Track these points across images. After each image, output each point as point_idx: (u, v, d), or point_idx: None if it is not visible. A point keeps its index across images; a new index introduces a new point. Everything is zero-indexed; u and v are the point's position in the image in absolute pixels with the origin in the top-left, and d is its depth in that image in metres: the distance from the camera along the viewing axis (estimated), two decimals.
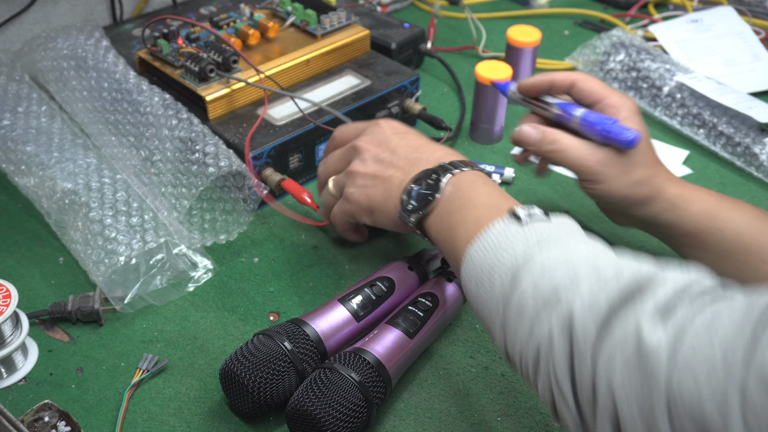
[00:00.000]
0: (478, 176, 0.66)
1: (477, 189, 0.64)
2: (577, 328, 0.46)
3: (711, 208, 0.70)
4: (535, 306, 0.50)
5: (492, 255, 0.55)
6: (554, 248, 0.53)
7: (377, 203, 0.70)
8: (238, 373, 0.63)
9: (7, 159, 0.86)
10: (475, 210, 0.61)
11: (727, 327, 0.40)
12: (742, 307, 0.41)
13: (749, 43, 1.14)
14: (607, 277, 0.48)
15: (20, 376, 0.69)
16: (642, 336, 0.43)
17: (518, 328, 0.51)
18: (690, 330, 0.42)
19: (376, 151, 0.71)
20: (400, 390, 0.68)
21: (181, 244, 0.77)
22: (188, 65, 0.87)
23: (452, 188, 0.64)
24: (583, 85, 0.73)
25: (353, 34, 0.98)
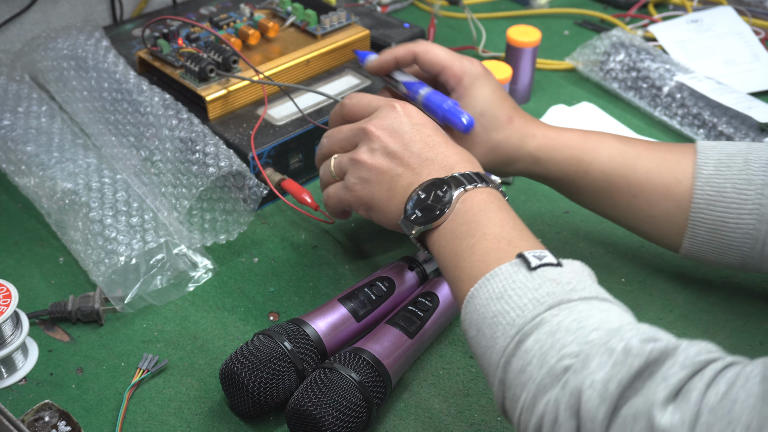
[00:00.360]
0: (492, 196, 0.61)
1: (489, 215, 0.59)
2: (585, 409, 0.44)
3: (574, 153, 0.72)
4: (540, 376, 0.47)
5: (496, 306, 0.52)
6: (565, 311, 0.49)
7: (378, 201, 0.66)
8: (238, 373, 0.63)
9: (8, 159, 0.86)
10: (483, 240, 0.57)
11: (745, 403, 0.39)
12: (757, 377, 0.40)
13: (749, 43, 1.14)
14: (618, 356, 0.44)
15: (20, 376, 0.69)
16: (654, 418, 0.41)
17: (519, 391, 0.49)
18: (705, 409, 0.40)
19: (387, 141, 0.66)
20: (400, 390, 0.68)
21: (181, 244, 0.77)
22: (188, 65, 0.88)
23: (462, 207, 0.60)
24: (425, 57, 0.73)
25: (353, 34, 0.98)
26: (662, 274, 0.80)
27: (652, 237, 0.73)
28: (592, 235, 0.85)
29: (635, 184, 0.70)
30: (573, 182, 0.73)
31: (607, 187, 0.72)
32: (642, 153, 0.71)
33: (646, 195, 0.70)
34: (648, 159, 0.71)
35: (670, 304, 0.77)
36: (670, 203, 0.69)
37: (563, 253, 0.82)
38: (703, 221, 0.68)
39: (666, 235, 0.71)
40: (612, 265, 0.81)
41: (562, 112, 1.04)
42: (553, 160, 0.72)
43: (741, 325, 0.74)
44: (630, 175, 0.70)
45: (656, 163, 0.70)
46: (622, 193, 0.71)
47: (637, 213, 0.71)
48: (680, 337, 0.73)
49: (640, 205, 0.71)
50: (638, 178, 0.70)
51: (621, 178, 0.71)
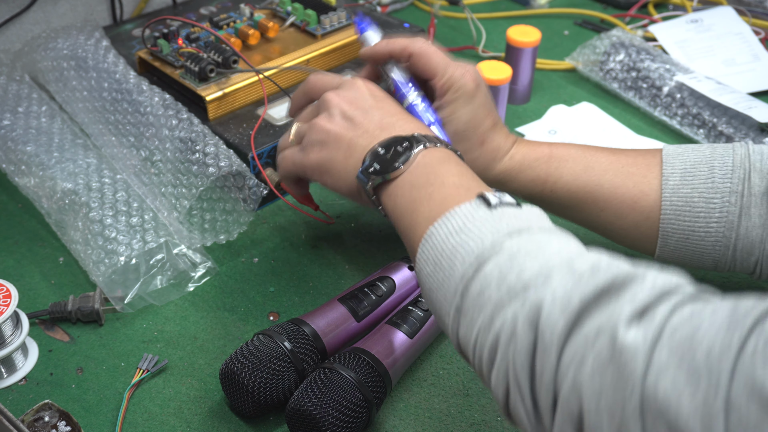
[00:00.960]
0: (452, 155, 0.60)
1: (449, 167, 0.58)
2: (544, 321, 0.44)
3: (539, 175, 0.72)
4: (498, 294, 0.47)
5: (456, 238, 0.51)
6: (525, 238, 0.49)
7: (335, 164, 0.64)
8: (238, 373, 0.63)
9: (8, 159, 0.86)
10: (442, 188, 0.56)
11: (709, 330, 0.38)
12: (725, 311, 0.39)
13: (749, 43, 1.14)
14: (581, 272, 0.45)
15: (20, 376, 0.69)
16: (617, 334, 0.40)
17: (476, 314, 0.48)
18: (668, 330, 0.39)
19: (346, 108, 0.65)
20: (400, 390, 0.68)
21: (181, 244, 0.77)
22: (188, 65, 0.88)
23: (422, 160, 0.59)
24: (418, 61, 0.71)
25: (353, 34, 0.98)
26: None
27: (626, 244, 0.74)
28: (593, 235, 0.85)
29: (602, 199, 0.71)
30: (540, 200, 0.73)
31: (575, 203, 0.72)
32: (607, 167, 0.71)
33: (613, 209, 0.71)
34: (614, 173, 0.71)
35: None
36: (638, 215, 0.70)
37: None
38: (673, 231, 0.69)
39: (638, 244, 0.72)
40: None
41: (562, 112, 1.04)
42: (518, 182, 0.73)
43: None
44: (596, 190, 0.71)
45: (622, 177, 0.70)
46: (590, 208, 0.72)
47: (607, 225, 0.72)
48: None
49: (609, 218, 0.71)
50: (604, 193, 0.71)
51: (587, 194, 0.71)
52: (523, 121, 1.03)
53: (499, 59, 1.08)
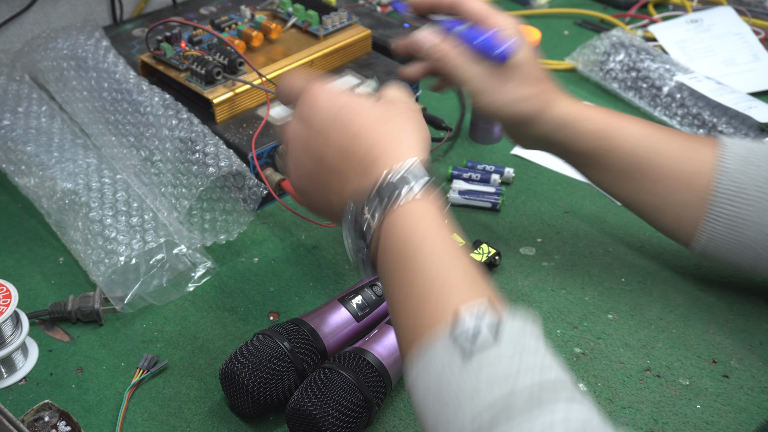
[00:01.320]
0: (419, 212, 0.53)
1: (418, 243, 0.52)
2: None
3: (604, 128, 0.70)
4: None
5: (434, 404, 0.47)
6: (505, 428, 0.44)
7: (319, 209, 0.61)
8: (238, 373, 0.63)
9: (7, 159, 0.86)
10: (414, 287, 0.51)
11: None
12: None
13: (749, 43, 1.14)
14: None
15: (20, 376, 0.69)
16: None
17: None
18: None
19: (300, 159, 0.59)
20: (400, 390, 0.68)
21: (181, 244, 0.77)
22: (194, 68, 0.87)
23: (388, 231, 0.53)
24: (466, 6, 0.71)
25: (355, 34, 0.98)
26: (662, 274, 0.80)
27: (667, 226, 0.72)
28: (592, 235, 0.85)
29: (659, 170, 0.69)
30: (596, 159, 0.70)
31: (632, 169, 0.70)
32: (668, 139, 0.70)
33: (669, 182, 0.69)
34: (675, 146, 0.69)
35: (670, 304, 0.77)
36: (692, 194, 0.68)
37: (563, 253, 0.82)
38: (722, 216, 0.67)
39: (681, 226, 0.70)
40: (612, 265, 0.81)
41: None
42: (578, 131, 0.70)
43: (741, 325, 0.74)
44: (655, 159, 0.69)
45: (682, 151, 0.69)
46: (646, 177, 0.70)
47: (657, 200, 0.70)
48: (680, 337, 0.74)
49: (661, 192, 0.69)
50: (663, 163, 0.69)
51: (646, 161, 0.69)
52: None
53: None
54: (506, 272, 0.80)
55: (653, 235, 0.84)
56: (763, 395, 0.68)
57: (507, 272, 0.80)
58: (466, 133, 1.00)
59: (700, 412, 0.66)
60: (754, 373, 0.70)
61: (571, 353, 0.71)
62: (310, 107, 0.58)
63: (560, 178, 0.93)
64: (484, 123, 0.97)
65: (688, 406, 0.67)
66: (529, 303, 0.76)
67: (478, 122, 0.98)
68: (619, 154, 0.70)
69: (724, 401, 0.67)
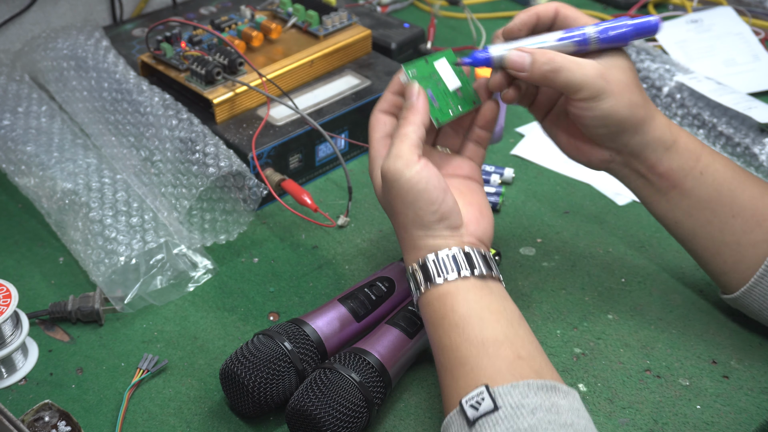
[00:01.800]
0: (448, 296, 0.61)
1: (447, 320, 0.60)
2: None
3: (695, 148, 0.68)
4: None
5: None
6: None
7: None
8: (238, 373, 0.63)
9: (7, 159, 0.86)
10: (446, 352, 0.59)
11: None
12: None
13: (749, 43, 1.14)
14: None
15: (20, 376, 0.69)
16: None
17: None
18: None
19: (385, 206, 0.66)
20: (400, 390, 0.68)
21: (181, 244, 0.77)
22: (194, 68, 0.87)
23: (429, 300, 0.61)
24: (567, 12, 0.66)
25: (355, 35, 0.98)
26: (662, 274, 0.80)
27: (722, 265, 0.70)
28: (592, 235, 0.85)
29: (739, 204, 0.67)
30: (682, 181, 0.68)
31: (714, 198, 0.68)
32: (750, 177, 0.69)
33: (745, 218, 0.67)
34: (754, 183, 0.68)
35: (670, 304, 0.77)
36: (761, 235, 0.67)
37: (563, 253, 0.82)
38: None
39: (740, 269, 0.69)
40: (612, 265, 0.81)
41: None
42: (677, 146, 0.67)
43: (741, 326, 0.74)
44: (738, 193, 0.68)
45: (761, 189, 0.68)
46: (725, 210, 0.68)
47: (727, 236, 0.68)
48: (680, 338, 0.74)
49: (734, 228, 0.68)
50: (744, 199, 0.68)
51: (729, 193, 0.68)
52: (523, 121, 1.03)
53: None
54: (506, 272, 0.80)
55: (653, 235, 0.84)
56: (763, 396, 0.68)
57: (507, 272, 0.80)
58: None
59: (700, 413, 0.66)
60: (754, 374, 0.70)
61: (571, 353, 0.72)
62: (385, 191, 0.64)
63: (560, 178, 0.93)
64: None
65: (687, 406, 0.67)
66: (529, 303, 0.76)
67: None
68: (707, 180, 0.68)
69: (724, 402, 0.67)
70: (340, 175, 0.93)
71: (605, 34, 0.64)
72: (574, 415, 0.54)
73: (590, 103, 0.64)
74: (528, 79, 0.65)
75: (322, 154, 0.91)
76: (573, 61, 0.63)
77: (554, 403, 0.54)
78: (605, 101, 0.64)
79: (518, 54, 0.64)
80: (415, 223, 0.62)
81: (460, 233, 0.63)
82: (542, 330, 0.73)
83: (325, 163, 0.93)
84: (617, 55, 0.65)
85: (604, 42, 0.65)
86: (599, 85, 0.63)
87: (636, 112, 0.65)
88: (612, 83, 0.64)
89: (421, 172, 0.61)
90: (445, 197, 0.62)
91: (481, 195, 0.68)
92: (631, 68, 0.66)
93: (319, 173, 0.93)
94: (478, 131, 0.70)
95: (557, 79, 0.63)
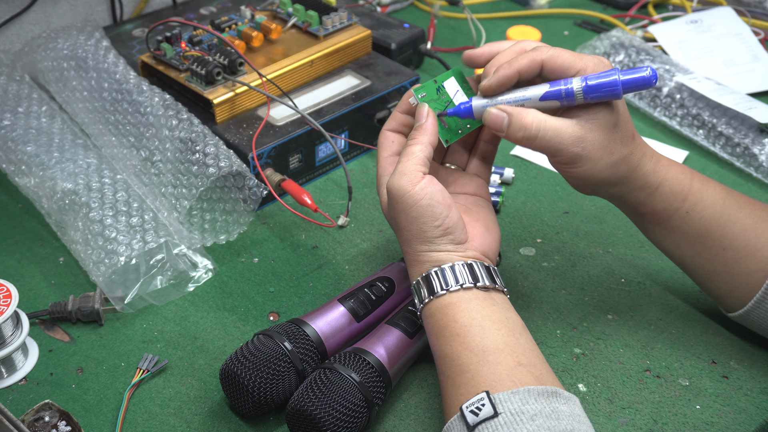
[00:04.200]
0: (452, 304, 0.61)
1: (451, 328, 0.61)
2: None
3: (681, 189, 0.67)
4: None
5: None
6: None
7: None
8: (238, 373, 0.63)
9: (8, 159, 0.86)
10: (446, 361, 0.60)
11: None
12: None
13: (749, 43, 1.14)
14: None
15: (20, 375, 0.69)
16: None
17: None
18: None
19: (391, 221, 0.68)
20: (400, 390, 0.68)
21: (182, 244, 0.77)
22: (194, 68, 0.87)
23: (433, 311, 0.62)
24: (554, 63, 0.63)
25: (355, 35, 0.98)
26: (662, 274, 0.80)
27: (717, 291, 0.70)
28: (592, 235, 0.85)
29: (729, 237, 0.67)
30: (669, 220, 0.68)
31: (702, 233, 0.68)
32: (743, 206, 0.68)
33: (736, 250, 0.67)
34: (747, 214, 0.68)
35: (670, 304, 0.77)
36: (755, 264, 0.67)
37: (563, 253, 0.82)
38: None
39: (732, 293, 0.69)
40: (612, 265, 0.81)
41: None
42: (661, 190, 0.67)
43: (741, 326, 0.74)
44: (728, 227, 0.68)
45: (754, 220, 0.68)
46: (714, 243, 0.68)
47: (719, 266, 0.68)
48: (680, 338, 0.74)
49: (726, 259, 0.68)
50: (734, 231, 0.67)
51: (718, 228, 0.68)
52: None
53: None
54: (506, 272, 0.80)
55: None
56: (763, 396, 0.68)
57: (507, 272, 0.80)
58: None
59: (700, 413, 0.66)
60: (753, 374, 0.70)
61: (570, 353, 0.72)
62: (390, 206, 0.65)
63: (560, 178, 0.93)
64: None
65: (687, 406, 0.67)
66: (529, 303, 0.76)
67: None
68: (694, 218, 0.68)
69: (723, 402, 0.67)
70: (340, 175, 0.93)
71: (591, 93, 0.62)
72: (575, 421, 0.54)
73: (566, 168, 0.65)
74: (506, 138, 0.64)
75: (322, 154, 0.91)
76: (549, 128, 0.62)
77: (555, 409, 0.54)
78: (582, 166, 0.64)
79: (497, 113, 0.64)
80: (419, 238, 0.63)
81: (464, 248, 0.63)
82: (542, 330, 0.74)
83: (325, 163, 0.93)
84: (602, 111, 0.63)
85: (590, 96, 0.62)
86: (574, 152, 0.63)
87: (616, 171, 0.65)
88: (588, 149, 0.63)
89: (425, 188, 0.61)
90: (449, 213, 0.62)
91: (487, 211, 0.68)
92: (614, 124, 0.63)
93: (319, 173, 0.93)
94: (483, 146, 0.71)
95: (532, 145, 0.63)
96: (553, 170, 0.94)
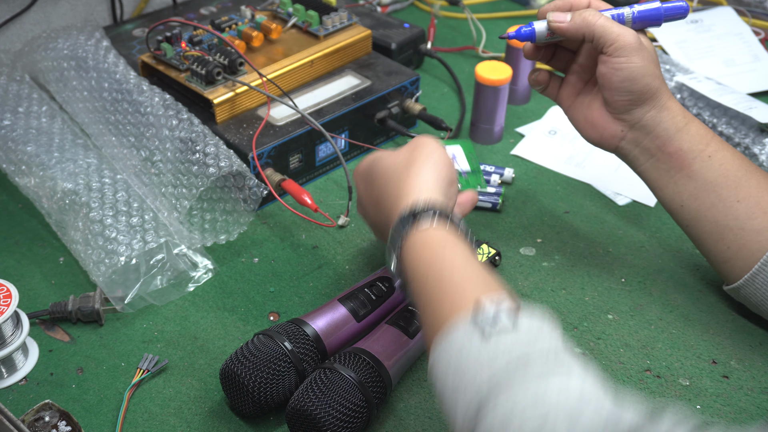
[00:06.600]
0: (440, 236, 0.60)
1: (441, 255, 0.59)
2: None
3: (706, 133, 0.71)
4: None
5: (455, 377, 0.50)
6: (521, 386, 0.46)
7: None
8: (239, 373, 0.63)
9: (8, 159, 0.86)
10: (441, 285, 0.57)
11: None
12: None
13: (749, 43, 1.14)
14: None
15: (21, 375, 0.69)
16: None
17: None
18: None
19: (364, 200, 0.73)
20: (400, 390, 0.68)
21: (182, 244, 0.77)
22: (195, 68, 0.87)
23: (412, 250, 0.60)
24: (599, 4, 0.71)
25: (355, 35, 0.98)
26: (662, 274, 0.80)
27: (727, 253, 0.71)
28: (592, 235, 0.85)
29: (745, 190, 0.69)
30: (691, 162, 0.70)
31: (720, 182, 0.70)
32: (757, 167, 0.71)
33: (749, 205, 0.69)
34: (762, 174, 0.70)
35: (670, 304, 0.77)
36: (766, 223, 0.68)
37: (563, 253, 0.82)
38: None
39: (743, 254, 0.69)
40: (612, 265, 0.81)
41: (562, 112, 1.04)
42: (689, 129, 0.70)
43: (741, 325, 0.74)
44: (744, 179, 0.69)
45: (767, 180, 0.70)
46: (729, 194, 0.69)
47: (731, 221, 0.69)
48: (680, 338, 0.74)
49: (739, 213, 0.69)
50: (750, 185, 0.69)
51: (735, 178, 0.69)
52: (523, 121, 1.03)
53: (499, 60, 1.08)
54: (506, 272, 0.80)
55: (653, 235, 0.84)
56: (763, 396, 0.68)
57: (507, 272, 0.80)
58: (466, 133, 1.00)
59: (700, 413, 0.66)
60: (754, 374, 0.70)
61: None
62: (365, 169, 0.72)
63: (560, 178, 0.93)
64: (486, 125, 0.97)
65: (687, 406, 0.67)
66: (529, 303, 0.76)
67: (478, 122, 0.98)
68: (715, 164, 0.70)
69: (723, 402, 0.67)
70: (340, 174, 0.93)
71: (639, 13, 0.70)
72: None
73: (622, 59, 0.68)
74: (568, 29, 0.69)
75: (322, 154, 0.91)
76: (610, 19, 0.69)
77: None
78: (636, 59, 0.68)
79: (560, 13, 0.70)
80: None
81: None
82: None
83: (326, 163, 0.93)
84: (645, 38, 0.70)
85: (638, 21, 0.70)
86: (634, 42, 0.67)
87: (657, 84, 0.69)
88: (644, 48, 0.68)
89: None
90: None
91: None
92: (655, 50, 0.70)
93: (319, 173, 0.93)
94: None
95: (596, 23, 0.68)
96: (553, 170, 0.94)
